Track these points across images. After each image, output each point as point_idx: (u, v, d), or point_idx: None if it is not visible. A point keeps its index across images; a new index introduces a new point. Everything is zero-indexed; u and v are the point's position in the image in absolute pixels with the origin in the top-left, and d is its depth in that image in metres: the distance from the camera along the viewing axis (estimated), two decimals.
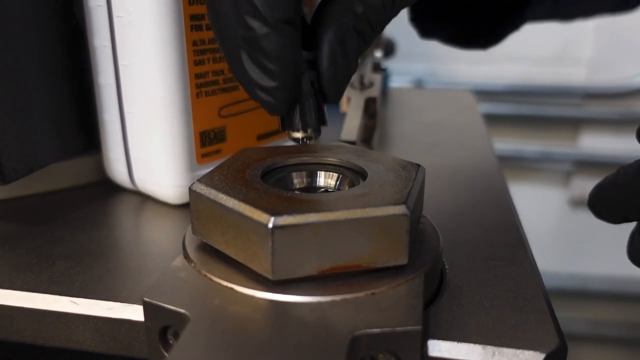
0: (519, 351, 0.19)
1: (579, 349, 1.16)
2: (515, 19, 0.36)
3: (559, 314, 0.21)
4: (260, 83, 0.20)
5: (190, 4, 0.27)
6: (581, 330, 1.15)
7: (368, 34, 0.21)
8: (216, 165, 0.23)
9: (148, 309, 0.19)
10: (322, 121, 0.23)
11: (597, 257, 1.15)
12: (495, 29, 0.38)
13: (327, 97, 0.22)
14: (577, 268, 1.18)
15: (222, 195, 0.20)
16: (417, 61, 1.07)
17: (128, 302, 0.21)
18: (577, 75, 1.13)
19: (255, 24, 0.19)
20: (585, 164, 1.14)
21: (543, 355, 0.18)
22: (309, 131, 0.23)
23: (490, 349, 0.19)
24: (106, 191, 0.32)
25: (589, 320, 1.17)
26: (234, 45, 0.20)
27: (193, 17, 0.27)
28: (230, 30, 0.20)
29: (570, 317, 1.15)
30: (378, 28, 0.21)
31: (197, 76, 0.28)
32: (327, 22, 0.21)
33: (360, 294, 0.19)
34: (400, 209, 0.19)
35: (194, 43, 0.28)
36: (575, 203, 1.17)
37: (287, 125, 0.22)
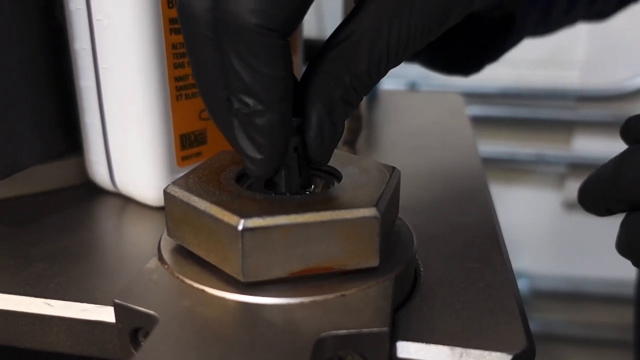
0: (486, 352, 0.19)
1: (572, 351, 1.16)
2: (494, 49, 0.37)
3: (553, 316, 0.22)
4: (247, 153, 0.20)
5: (169, 7, 0.27)
6: (575, 332, 1.15)
7: (355, 100, 0.22)
8: None
9: (119, 310, 0.19)
10: (306, 185, 0.23)
11: (591, 259, 1.16)
12: (476, 58, 0.38)
13: (313, 162, 0.22)
14: (571, 270, 1.18)
15: (195, 198, 0.20)
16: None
17: (102, 304, 0.22)
18: (570, 78, 1.13)
19: (249, 100, 0.19)
20: (579, 167, 1.14)
21: (510, 357, 0.18)
22: None
23: (458, 350, 0.19)
24: (88, 193, 0.32)
25: (582, 323, 1.17)
26: (221, 111, 0.20)
27: (172, 20, 0.28)
28: (217, 99, 0.20)
29: (563, 319, 1.15)
30: (364, 93, 0.22)
31: (177, 79, 0.29)
32: (315, 94, 0.21)
33: (330, 296, 0.19)
34: (371, 212, 0.20)
35: (174, 46, 0.28)
36: (569, 205, 1.17)
37: (270, 187, 0.22)
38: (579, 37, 1.08)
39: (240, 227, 0.19)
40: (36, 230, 0.28)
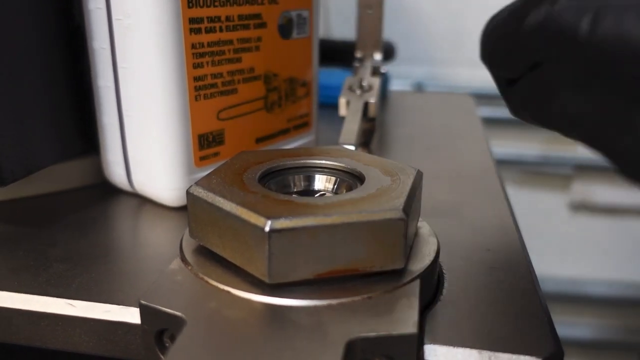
0: (514, 356, 0.19)
1: (578, 354, 1.15)
2: None
3: (558, 318, 0.22)
4: None
5: (189, 6, 0.27)
6: (580, 335, 1.15)
7: None
8: (214, 168, 0.23)
9: (144, 312, 0.19)
10: None
11: (597, 261, 1.15)
12: None
13: None
14: (576, 272, 1.18)
15: (220, 199, 0.20)
16: (418, 64, 1.07)
17: (125, 305, 0.22)
18: None
19: None
20: (585, 168, 1.14)
21: None
22: None
23: (486, 353, 0.19)
24: (104, 193, 0.32)
25: (588, 325, 1.16)
26: None
27: (192, 20, 0.27)
28: None
29: (569, 321, 1.15)
30: None
31: (196, 79, 0.28)
32: None
33: (357, 298, 0.19)
34: (397, 214, 0.20)
35: (193, 46, 0.28)
36: (576, 207, 1.17)
37: None
38: None
39: (267, 229, 0.18)
40: (54, 231, 0.28)
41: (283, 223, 0.19)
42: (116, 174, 0.31)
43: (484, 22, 0.24)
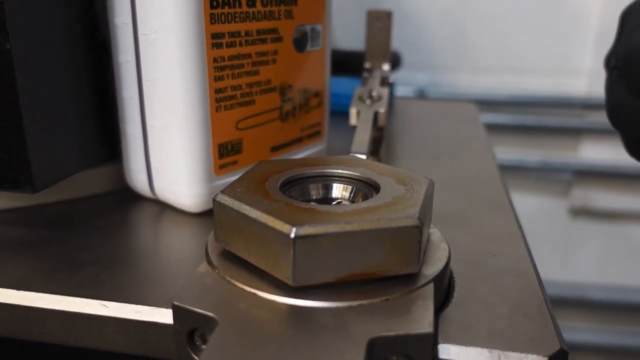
0: (522, 355, 0.20)
1: (577, 358, 1.16)
2: None
3: (558, 323, 0.23)
4: None
5: (212, 23, 0.29)
6: (580, 339, 1.16)
7: None
8: (233, 175, 0.24)
9: (177, 312, 0.20)
10: None
11: (597, 266, 1.17)
12: None
13: None
14: (576, 277, 1.19)
15: (246, 206, 0.22)
16: (420, 71, 1.09)
17: (155, 306, 0.23)
18: (577, 86, 1.14)
19: None
20: (585, 174, 1.15)
21: (545, 359, 0.20)
22: None
23: (496, 352, 0.20)
24: (126, 199, 0.34)
25: (588, 329, 1.18)
26: None
27: (214, 36, 0.29)
28: None
29: (569, 325, 1.16)
30: None
31: (217, 91, 0.30)
32: None
33: (375, 300, 0.20)
34: (412, 221, 0.21)
35: (215, 60, 0.29)
36: (575, 212, 1.18)
37: None
38: (585, 45, 1.09)
39: (292, 235, 0.20)
40: (82, 235, 0.29)
41: (307, 230, 0.20)
42: (138, 181, 0.33)
43: (486, 28, 0.25)
